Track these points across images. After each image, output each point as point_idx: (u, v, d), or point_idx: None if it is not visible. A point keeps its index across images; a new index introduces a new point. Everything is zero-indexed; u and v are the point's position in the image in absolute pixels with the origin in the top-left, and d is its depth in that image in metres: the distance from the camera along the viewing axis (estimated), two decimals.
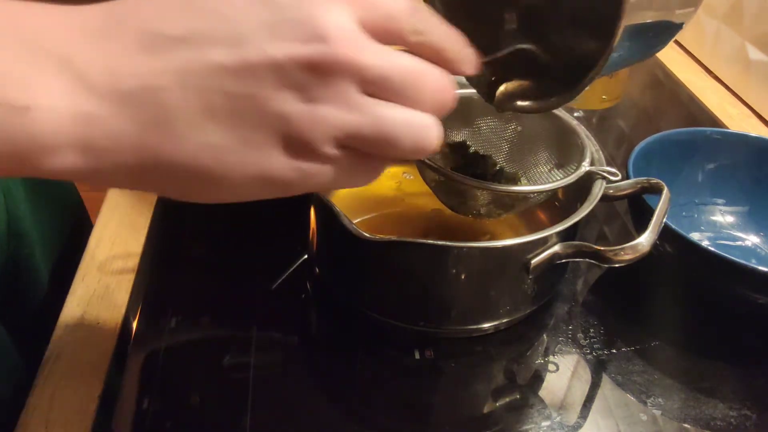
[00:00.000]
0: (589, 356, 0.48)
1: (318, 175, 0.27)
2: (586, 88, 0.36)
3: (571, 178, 0.45)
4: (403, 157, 0.27)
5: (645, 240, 0.42)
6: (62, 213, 0.61)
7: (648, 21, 0.35)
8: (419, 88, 0.27)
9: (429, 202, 0.55)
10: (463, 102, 0.50)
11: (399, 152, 0.27)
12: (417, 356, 0.47)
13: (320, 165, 0.26)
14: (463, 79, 0.58)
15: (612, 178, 0.46)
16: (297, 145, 0.26)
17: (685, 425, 0.44)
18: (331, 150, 0.26)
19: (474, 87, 0.45)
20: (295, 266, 0.54)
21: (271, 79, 0.24)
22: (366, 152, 0.27)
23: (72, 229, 0.62)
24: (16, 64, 0.23)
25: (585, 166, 0.46)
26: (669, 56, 0.93)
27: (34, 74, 0.23)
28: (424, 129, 0.27)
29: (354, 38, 0.25)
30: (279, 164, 0.26)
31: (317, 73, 0.25)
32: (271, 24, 0.24)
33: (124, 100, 0.24)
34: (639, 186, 0.49)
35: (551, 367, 0.47)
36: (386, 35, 0.27)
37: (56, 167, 0.24)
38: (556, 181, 0.46)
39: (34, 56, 0.23)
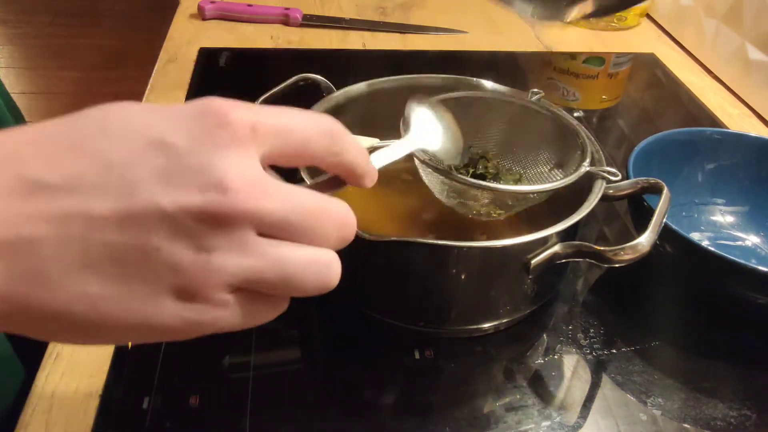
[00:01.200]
0: (589, 356, 0.48)
1: (212, 323, 0.25)
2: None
3: (571, 178, 0.45)
4: (305, 295, 0.27)
5: (645, 240, 0.42)
6: None
7: None
8: (322, 227, 0.26)
9: (428, 201, 0.55)
10: (464, 103, 0.51)
11: (301, 292, 0.26)
12: (417, 356, 0.47)
13: (214, 311, 0.25)
14: (463, 80, 0.58)
15: (612, 178, 0.46)
16: (188, 294, 0.24)
17: (685, 425, 0.44)
18: (225, 296, 0.25)
19: None
20: None
21: (159, 228, 0.23)
22: (267, 294, 0.26)
23: None
24: None
25: (585, 166, 0.46)
26: (669, 56, 0.93)
27: None
28: (326, 267, 0.27)
29: (254, 185, 0.24)
30: (167, 313, 0.24)
31: (211, 223, 0.23)
32: (165, 171, 0.23)
33: None
34: (639, 186, 0.49)
35: (551, 367, 0.47)
36: (300, 159, 0.27)
37: None
38: (556, 181, 0.46)
39: None
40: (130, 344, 0.25)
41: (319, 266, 0.26)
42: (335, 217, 0.27)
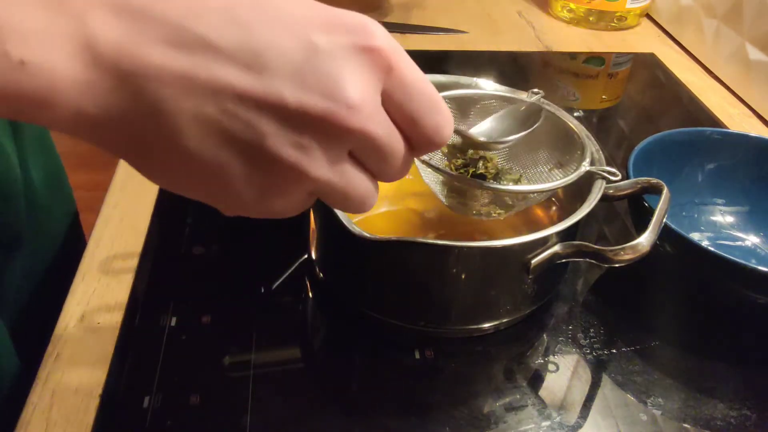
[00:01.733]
0: (589, 356, 0.48)
1: (278, 212, 0.28)
2: None
3: (571, 178, 0.45)
4: (342, 210, 0.30)
5: (645, 240, 0.42)
6: (59, 217, 0.62)
7: None
8: (393, 164, 0.29)
9: (428, 201, 0.55)
10: (464, 101, 0.51)
11: (343, 208, 0.30)
12: (417, 356, 0.47)
13: (284, 203, 0.28)
14: (463, 80, 0.58)
15: (612, 178, 0.46)
16: (270, 183, 0.27)
17: (685, 425, 0.44)
18: (299, 195, 0.28)
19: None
20: (295, 266, 0.54)
21: (273, 118, 0.25)
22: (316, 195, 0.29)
23: (67, 234, 0.62)
24: (28, 13, 0.22)
25: (585, 166, 0.46)
26: (669, 56, 0.93)
27: (43, 28, 0.22)
28: (371, 199, 0.30)
29: (371, 109, 0.26)
30: (246, 189, 0.27)
31: (322, 130, 0.25)
32: (300, 68, 0.25)
33: (123, 80, 0.23)
34: (639, 186, 0.49)
35: (551, 367, 0.47)
36: (400, 121, 0.28)
37: (48, 122, 0.24)
38: (556, 180, 0.46)
39: (51, 9, 0.23)
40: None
41: (368, 198, 0.30)
42: (404, 161, 0.29)
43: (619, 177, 0.46)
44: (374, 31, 0.26)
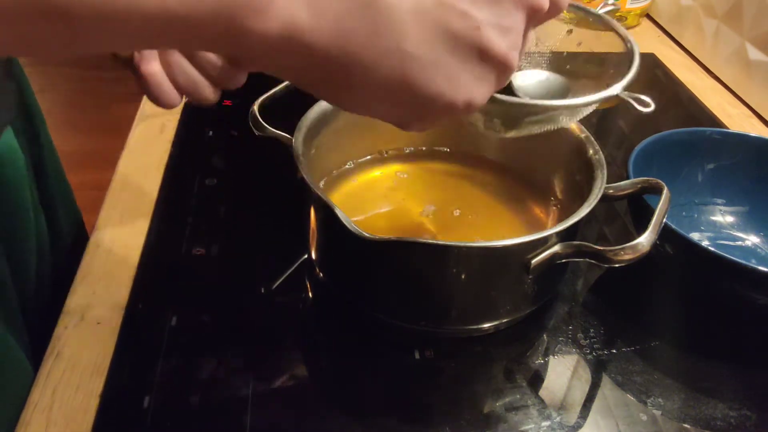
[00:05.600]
0: (589, 356, 0.48)
1: (474, 98, 0.29)
2: None
3: (603, 95, 0.43)
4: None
5: (645, 240, 0.42)
6: (61, 217, 0.62)
7: None
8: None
9: (424, 200, 0.56)
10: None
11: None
12: (417, 356, 0.47)
13: (481, 91, 0.29)
14: None
15: (643, 109, 0.44)
16: (480, 73, 0.28)
17: (685, 425, 0.44)
18: (498, 77, 0.29)
19: None
20: (295, 266, 0.54)
21: (483, 5, 0.27)
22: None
23: (70, 233, 0.62)
24: None
25: (618, 88, 0.44)
26: (669, 56, 0.93)
27: None
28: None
29: None
30: (452, 80, 0.28)
31: (519, 6, 0.28)
32: None
33: None
34: (639, 186, 0.49)
35: (551, 367, 0.47)
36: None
37: (252, 30, 0.24)
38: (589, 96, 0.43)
39: None
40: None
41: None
42: None
43: (652, 108, 0.44)
44: None
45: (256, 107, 0.52)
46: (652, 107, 0.42)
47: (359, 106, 0.29)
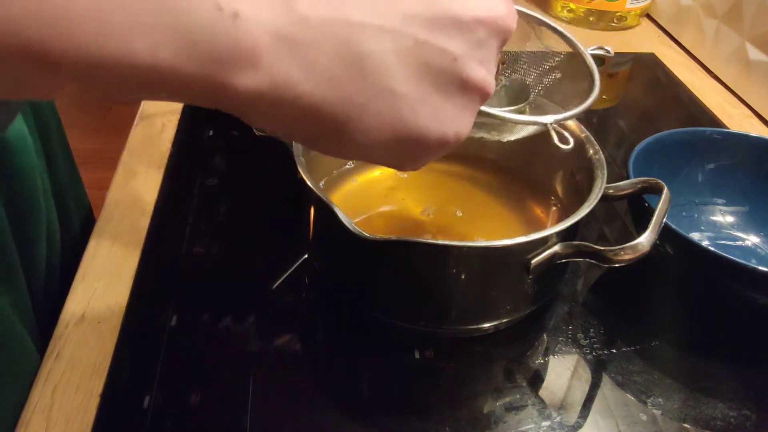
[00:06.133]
0: (589, 356, 0.48)
1: (461, 130, 0.31)
2: None
3: (536, 119, 0.41)
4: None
5: (645, 240, 0.42)
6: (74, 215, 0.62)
7: None
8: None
9: (424, 200, 0.56)
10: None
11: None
12: (417, 356, 0.47)
13: (466, 122, 0.31)
14: None
15: (562, 146, 0.40)
16: (461, 103, 0.29)
17: (685, 425, 0.44)
18: (476, 107, 0.31)
19: None
20: (295, 266, 0.54)
21: (455, 35, 0.28)
22: None
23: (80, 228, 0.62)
24: None
25: (550, 119, 0.41)
26: (669, 56, 0.93)
27: None
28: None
29: (514, 12, 0.31)
30: (436, 116, 0.29)
31: (493, 34, 0.29)
32: None
33: (326, 32, 0.25)
34: (639, 186, 0.49)
35: (551, 367, 0.47)
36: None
37: (241, 86, 0.24)
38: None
39: None
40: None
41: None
42: None
43: (570, 146, 0.40)
44: None
45: None
46: (571, 145, 0.40)
47: (356, 152, 0.29)
